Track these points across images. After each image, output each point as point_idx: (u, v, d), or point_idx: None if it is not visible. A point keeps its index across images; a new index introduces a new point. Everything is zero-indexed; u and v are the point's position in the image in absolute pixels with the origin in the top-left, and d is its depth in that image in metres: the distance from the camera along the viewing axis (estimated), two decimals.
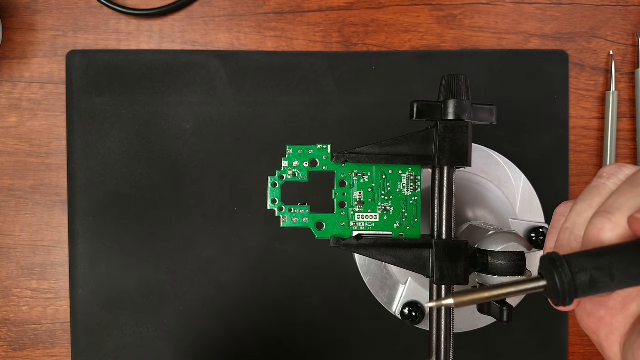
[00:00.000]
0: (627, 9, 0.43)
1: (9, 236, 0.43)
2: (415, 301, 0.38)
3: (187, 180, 0.42)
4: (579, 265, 0.18)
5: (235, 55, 0.42)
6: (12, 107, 0.43)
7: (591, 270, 0.18)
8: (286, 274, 0.42)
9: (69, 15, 0.43)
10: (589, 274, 0.18)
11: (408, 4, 0.43)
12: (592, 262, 0.18)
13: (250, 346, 0.42)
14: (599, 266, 0.18)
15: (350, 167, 0.29)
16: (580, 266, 0.18)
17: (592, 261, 0.18)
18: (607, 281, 0.18)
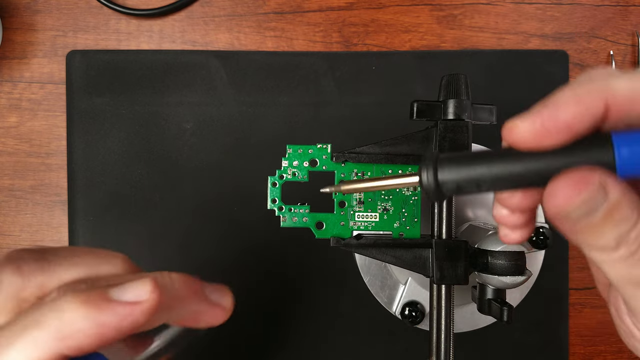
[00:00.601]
0: (627, 9, 0.43)
1: (9, 236, 0.43)
2: (416, 301, 0.38)
3: (187, 180, 0.42)
4: (446, 161, 0.19)
5: (235, 55, 0.42)
6: (12, 107, 0.43)
7: (455, 166, 0.19)
8: (286, 274, 0.42)
9: (69, 15, 0.43)
10: (452, 171, 0.18)
11: (408, 4, 0.43)
12: (460, 160, 0.19)
13: (250, 345, 0.42)
14: (464, 163, 0.18)
15: (350, 166, 0.29)
16: (447, 163, 0.19)
17: (461, 158, 0.19)
18: (469, 179, 0.18)
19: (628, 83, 0.16)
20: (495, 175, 0.18)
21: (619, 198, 0.16)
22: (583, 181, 0.16)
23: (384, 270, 0.39)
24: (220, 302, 0.23)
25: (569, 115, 0.17)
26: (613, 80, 0.17)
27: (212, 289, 0.23)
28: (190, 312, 0.22)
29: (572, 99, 0.17)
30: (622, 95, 0.16)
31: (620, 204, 0.16)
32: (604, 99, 0.16)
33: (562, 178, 0.16)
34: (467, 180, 0.18)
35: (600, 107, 0.16)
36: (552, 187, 0.17)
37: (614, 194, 0.16)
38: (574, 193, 0.16)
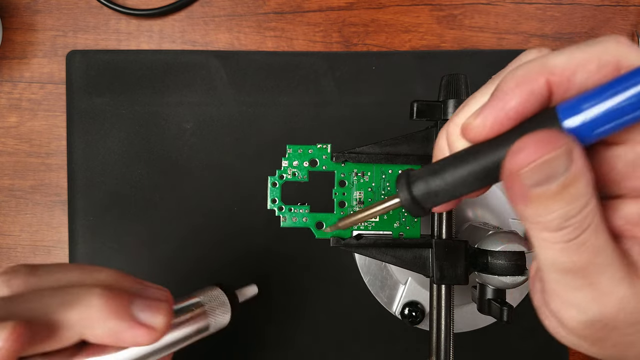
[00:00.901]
0: (627, 9, 0.43)
1: (9, 236, 0.43)
2: (416, 301, 0.38)
3: (187, 180, 0.42)
4: (417, 174, 0.20)
5: (235, 55, 0.42)
6: (12, 107, 0.43)
7: (427, 177, 0.19)
8: (286, 274, 0.42)
9: (69, 15, 0.43)
10: (424, 182, 0.19)
11: (408, 4, 0.43)
12: (428, 170, 0.19)
13: (251, 345, 0.42)
14: (433, 172, 0.19)
15: (350, 166, 0.29)
16: (418, 175, 0.20)
17: (429, 169, 0.19)
18: (442, 184, 0.19)
19: (563, 57, 0.17)
20: (464, 177, 0.18)
21: (581, 170, 0.16)
22: (551, 142, 0.16)
23: (384, 270, 0.39)
24: (147, 322, 0.22)
25: (515, 103, 0.17)
26: (550, 57, 0.17)
27: (144, 306, 0.22)
28: (105, 329, 0.21)
29: (514, 86, 0.17)
30: (560, 71, 0.17)
31: (580, 178, 0.16)
32: (544, 77, 0.17)
33: (531, 135, 0.16)
34: (441, 189, 0.19)
35: (543, 87, 0.17)
36: (519, 144, 0.16)
37: (578, 164, 0.16)
38: (539, 152, 0.16)
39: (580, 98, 0.16)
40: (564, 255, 0.17)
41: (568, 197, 0.16)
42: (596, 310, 0.18)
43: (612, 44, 0.17)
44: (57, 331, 0.20)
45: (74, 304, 0.21)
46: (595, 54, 0.16)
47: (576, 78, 0.17)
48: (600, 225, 0.17)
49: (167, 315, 0.22)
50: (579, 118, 0.16)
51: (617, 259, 0.18)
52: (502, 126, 0.17)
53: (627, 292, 0.18)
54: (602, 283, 0.18)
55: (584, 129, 0.16)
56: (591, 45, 0.17)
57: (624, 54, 0.16)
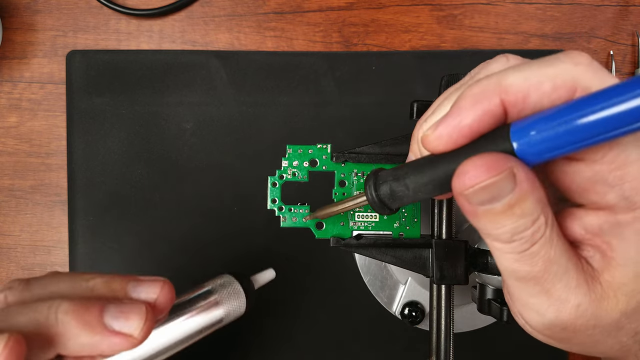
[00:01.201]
0: (627, 9, 0.43)
1: (9, 236, 0.43)
2: (416, 301, 0.38)
3: (187, 180, 0.42)
4: (383, 177, 0.21)
5: (235, 55, 0.42)
6: (12, 107, 0.43)
7: (391, 182, 0.20)
8: (286, 274, 0.42)
9: (69, 15, 0.43)
10: (389, 185, 0.20)
11: (408, 4, 0.43)
12: (393, 174, 0.20)
13: (250, 344, 0.42)
14: (397, 176, 0.20)
15: (350, 166, 0.29)
16: (384, 179, 0.21)
17: (394, 173, 0.20)
18: (403, 190, 0.20)
19: (519, 77, 0.17)
20: (424, 184, 0.19)
21: (527, 191, 0.17)
22: (494, 166, 0.16)
23: (384, 270, 0.39)
24: (121, 330, 0.21)
25: (469, 121, 0.17)
26: (507, 76, 0.17)
27: (117, 312, 0.21)
28: (78, 345, 0.21)
29: (469, 104, 0.17)
30: (514, 91, 0.17)
31: (525, 198, 0.17)
32: (498, 97, 0.17)
33: (475, 158, 0.16)
34: (404, 194, 0.20)
35: (498, 106, 0.17)
36: (464, 166, 0.17)
37: (523, 186, 0.16)
38: (482, 176, 0.16)
39: (530, 121, 0.16)
40: (518, 265, 0.18)
41: (515, 215, 0.17)
42: (553, 316, 0.19)
43: (569, 65, 0.16)
44: (30, 350, 0.20)
45: (41, 323, 0.20)
46: (550, 75, 0.16)
47: (530, 98, 0.17)
48: (554, 236, 0.18)
49: (142, 319, 0.21)
50: (528, 141, 0.16)
51: (573, 267, 0.18)
52: (456, 142, 0.18)
53: (583, 300, 0.18)
54: (557, 291, 0.18)
55: (532, 152, 0.16)
56: (548, 64, 0.17)
57: (580, 76, 0.16)
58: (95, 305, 0.21)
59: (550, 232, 0.17)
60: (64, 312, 0.20)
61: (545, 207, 0.17)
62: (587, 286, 0.18)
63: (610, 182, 0.16)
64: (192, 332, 0.26)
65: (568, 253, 0.18)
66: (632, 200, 0.16)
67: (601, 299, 0.18)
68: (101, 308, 0.21)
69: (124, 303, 0.22)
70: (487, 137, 0.17)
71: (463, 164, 0.17)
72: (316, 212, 0.26)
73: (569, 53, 0.17)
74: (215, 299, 0.27)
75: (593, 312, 0.18)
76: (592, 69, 0.16)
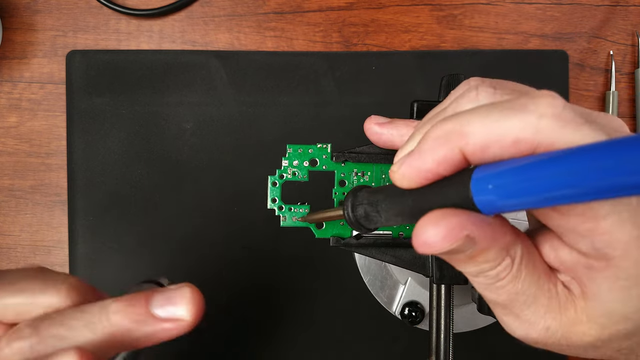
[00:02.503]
0: (627, 9, 0.43)
1: (9, 236, 0.43)
2: (415, 301, 0.38)
3: (187, 180, 0.42)
4: (359, 200, 0.21)
5: (235, 55, 0.42)
6: (12, 107, 0.43)
7: (366, 205, 0.21)
8: (286, 274, 0.42)
9: (69, 15, 0.43)
10: (364, 209, 0.21)
11: (408, 4, 0.43)
12: (368, 199, 0.21)
13: (250, 344, 0.42)
14: (371, 202, 0.20)
15: (350, 166, 0.29)
16: (360, 201, 0.21)
17: (369, 198, 0.21)
18: (376, 215, 0.20)
19: (480, 127, 0.16)
20: (395, 214, 0.19)
21: (487, 247, 0.17)
22: (449, 236, 0.16)
23: (384, 270, 0.39)
24: (172, 316, 0.22)
25: (429, 165, 0.17)
26: (468, 124, 0.16)
27: (163, 300, 0.22)
28: (134, 339, 0.21)
29: (430, 148, 0.17)
30: (473, 142, 0.16)
31: (486, 251, 0.17)
32: (457, 146, 0.16)
33: (430, 224, 0.16)
34: (378, 220, 0.20)
35: (457, 154, 0.17)
36: (420, 229, 0.17)
37: (482, 244, 0.17)
38: (438, 245, 0.16)
39: (491, 173, 0.16)
40: (485, 293, 0.19)
41: (478, 262, 0.17)
42: (522, 334, 0.19)
43: (533, 118, 0.15)
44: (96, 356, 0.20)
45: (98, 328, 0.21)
46: (511, 128, 0.15)
47: (490, 150, 0.16)
48: (522, 272, 0.18)
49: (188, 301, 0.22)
50: (486, 195, 0.16)
51: (544, 294, 0.18)
52: (419, 183, 0.18)
53: (552, 323, 0.18)
54: (526, 315, 0.18)
55: (490, 206, 0.16)
56: (512, 114, 0.16)
57: (544, 131, 0.15)
58: (141, 298, 0.22)
59: (517, 269, 0.18)
60: (114, 313, 0.21)
61: (512, 248, 0.17)
62: (559, 311, 0.18)
63: (581, 233, 0.16)
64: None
65: (539, 282, 0.18)
66: (603, 252, 0.16)
67: (573, 323, 0.18)
68: (147, 299, 0.22)
69: (168, 289, 0.23)
70: (451, 180, 0.17)
71: (419, 227, 0.17)
72: (305, 217, 0.28)
73: (538, 100, 0.15)
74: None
75: (563, 334, 0.18)
76: (560, 122, 0.15)
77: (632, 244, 0.16)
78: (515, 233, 0.18)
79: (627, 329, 0.17)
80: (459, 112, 0.17)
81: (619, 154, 0.13)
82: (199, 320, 0.22)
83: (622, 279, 0.16)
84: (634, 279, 0.16)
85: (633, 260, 0.16)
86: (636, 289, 0.16)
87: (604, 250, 0.16)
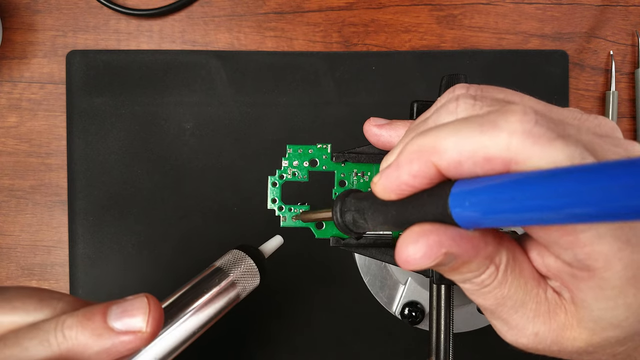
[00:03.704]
0: (627, 9, 0.43)
1: (9, 236, 0.43)
2: (415, 301, 0.38)
3: (187, 180, 0.42)
4: (347, 206, 0.21)
5: (235, 55, 0.42)
6: (12, 107, 0.43)
7: (353, 212, 0.21)
8: (286, 274, 0.42)
9: (69, 15, 0.43)
10: (352, 215, 0.21)
11: (408, 4, 0.43)
12: (356, 206, 0.21)
13: (249, 345, 0.42)
14: (358, 209, 0.21)
15: (350, 166, 0.29)
16: (348, 207, 0.21)
17: (357, 205, 0.21)
18: (363, 223, 0.20)
19: (452, 144, 0.16)
20: (380, 222, 0.20)
21: (468, 259, 0.17)
22: (428, 253, 0.16)
23: (384, 270, 0.39)
24: (130, 328, 0.21)
25: (405, 179, 0.17)
26: (442, 140, 0.16)
27: (120, 312, 0.21)
28: (93, 354, 0.21)
29: (406, 162, 0.17)
30: (447, 159, 0.16)
31: (469, 262, 0.17)
32: (431, 162, 0.17)
33: (409, 242, 0.17)
34: (364, 226, 0.20)
35: (431, 168, 0.17)
36: (400, 247, 0.17)
37: (462, 258, 0.17)
38: (419, 262, 0.17)
39: (468, 189, 0.16)
40: (473, 297, 0.19)
41: (462, 273, 0.18)
42: (513, 340, 0.19)
43: (504, 135, 0.15)
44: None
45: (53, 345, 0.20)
46: (483, 145, 0.15)
47: (463, 166, 0.16)
48: (509, 277, 0.18)
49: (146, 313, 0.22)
50: (462, 211, 0.16)
51: (532, 300, 0.18)
52: (399, 195, 0.18)
53: (542, 328, 0.18)
54: (514, 321, 0.19)
55: (468, 222, 0.16)
56: (484, 131, 0.15)
57: (515, 148, 0.15)
58: (98, 312, 0.21)
59: (502, 275, 0.18)
60: (69, 328, 0.21)
61: (497, 255, 0.17)
62: (548, 316, 0.18)
63: (562, 246, 0.16)
64: (213, 315, 0.26)
65: (527, 287, 0.18)
66: (586, 263, 0.16)
67: (564, 327, 0.18)
68: (103, 312, 0.21)
69: (125, 301, 0.22)
70: (432, 193, 0.17)
71: (399, 244, 0.17)
72: (298, 215, 0.28)
73: (508, 117, 0.15)
74: (231, 280, 0.27)
75: (554, 339, 0.18)
76: (530, 139, 0.15)
77: (613, 255, 0.16)
78: (498, 241, 0.18)
79: (618, 336, 0.17)
80: (435, 127, 0.17)
81: (581, 181, 0.13)
82: (158, 331, 0.22)
83: (606, 289, 0.16)
84: (618, 289, 0.16)
85: (615, 272, 0.16)
86: (622, 298, 0.16)
87: (586, 262, 0.16)
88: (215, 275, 0.27)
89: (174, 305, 0.26)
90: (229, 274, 0.27)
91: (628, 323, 0.17)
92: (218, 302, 0.26)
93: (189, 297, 0.26)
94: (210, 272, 0.27)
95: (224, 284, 0.27)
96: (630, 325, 0.17)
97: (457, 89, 0.19)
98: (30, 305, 0.22)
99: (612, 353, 0.18)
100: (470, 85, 0.19)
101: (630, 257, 0.16)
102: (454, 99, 0.19)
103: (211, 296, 0.26)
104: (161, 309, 0.22)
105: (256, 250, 0.29)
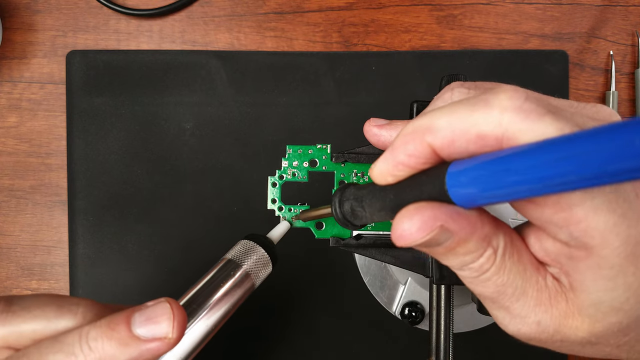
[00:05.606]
0: (627, 9, 0.43)
1: (9, 236, 0.43)
2: (415, 301, 0.38)
3: (187, 180, 0.42)
4: (347, 195, 0.21)
5: (235, 55, 0.42)
6: (12, 107, 0.43)
7: (352, 201, 0.21)
8: (286, 274, 0.42)
9: (69, 15, 0.43)
10: (350, 204, 0.21)
11: (408, 4, 0.43)
12: (355, 194, 0.21)
13: (249, 345, 0.42)
14: (357, 197, 0.21)
15: (350, 167, 0.29)
16: (347, 197, 0.21)
17: (355, 193, 0.21)
18: (361, 211, 0.21)
19: (445, 123, 0.16)
20: (378, 210, 0.20)
21: (465, 237, 0.17)
22: (423, 227, 0.16)
23: (384, 270, 0.39)
24: (156, 335, 0.21)
25: (401, 160, 0.18)
26: (435, 119, 0.17)
27: (144, 320, 0.21)
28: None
29: (401, 144, 0.18)
30: (441, 137, 0.16)
31: (465, 241, 0.17)
32: (425, 141, 0.17)
33: (405, 218, 0.17)
34: (363, 215, 0.21)
35: (426, 148, 0.17)
36: (396, 223, 0.17)
37: (459, 235, 0.17)
38: (414, 236, 0.17)
39: (464, 167, 0.16)
40: (472, 287, 0.19)
41: (459, 254, 0.17)
42: (515, 330, 0.19)
43: (496, 112, 0.15)
44: None
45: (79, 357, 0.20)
46: (475, 123, 0.16)
47: (456, 144, 0.16)
48: (507, 263, 0.18)
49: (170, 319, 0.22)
50: (459, 188, 0.16)
51: (532, 287, 0.18)
52: (395, 178, 0.18)
53: (544, 316, 0.18)
54: (516, 309, 0.18)
55: (464, 199, 0.16)
56: (475, 109, 0.16)
57: (506, 124, 0.15)
58: (121, 320, 0.21)
59: (501, 260, 0.18)
60: (94, 339, 0.20)
61: (494, 238, 0.17)
62: (550, 304, 0.18)
63: (557, 224, 0.16)
64: (231, 308, 0.26)
65: (526, 273, 0.18)
66: (582, 240, 0.16)
67: (565, 316, 0.18)
68: (127, 321, 0.21)
69: (147, 307, 0.22)
70: (428, 174, 0.17)
71: (396, 221, 0.17)
72: (297, 215, 0.28)
73: (500, 95, 0.16)
74: (244, 270, 0.27)
75: (556, 328, 0.18)
76: (521, 114, 0.15)
77: (609, 231, 0.15)
78: (495, 224, 0.18)
79: (620, 322, 0.17)
80: (429, 111, 0.18)
81: (573, 146, 0.13)
82: (183, 334, 0.22)
83: (604, 267, 0.16)
84: (617, 267, 0.16)
85: (613, 248, 0.16)
86: (622, 277, 0.16)
87: (582, 240, 0.16)
88: (228, 268, 0.27)
89: (192, 302, 0.26)
90: (242, 265, 0.27)
91: (629, 305, 0.17)
92: (235, 294, 0.26)
93: (205, 293, 0.26)
94: (223, 264, 0.27)
95: (238, 276, 0.27)
96: (631, 308, 0.17)
97: (454, 84, 0.20)
98: (50, 312, 0.21)
99: (616, 344, 0.18)
100: (465, 82, 0.20)
101: (627, 232, 0.15)
102: (449, 89, 0.19)
103: (227, 289, 0.26)
104: (184, 312, 0.22)
105: (265, 238, 0.29)
